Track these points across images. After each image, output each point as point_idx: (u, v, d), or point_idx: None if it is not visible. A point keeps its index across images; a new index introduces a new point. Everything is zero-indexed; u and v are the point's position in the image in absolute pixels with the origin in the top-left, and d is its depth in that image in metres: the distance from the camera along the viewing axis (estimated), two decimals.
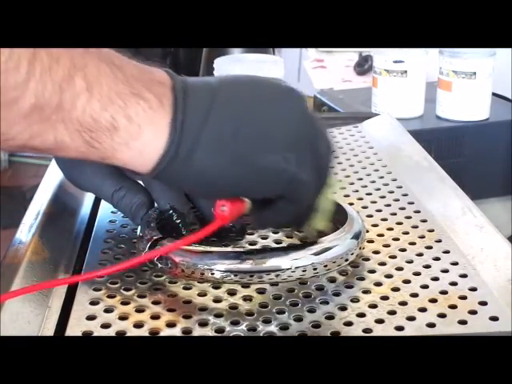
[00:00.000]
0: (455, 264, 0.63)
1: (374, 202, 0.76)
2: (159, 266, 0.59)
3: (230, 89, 0.53)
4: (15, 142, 0.47)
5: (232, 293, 0.59)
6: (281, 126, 0.53)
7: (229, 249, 0.65)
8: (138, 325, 0.55)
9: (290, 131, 0.54)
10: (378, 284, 0.60)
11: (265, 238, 0.68)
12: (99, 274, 0.59)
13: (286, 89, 0.55)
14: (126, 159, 0.50)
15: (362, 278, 0.61)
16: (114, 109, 0.48)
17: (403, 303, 0.57)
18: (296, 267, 0.57)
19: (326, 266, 0.59)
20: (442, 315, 0.56)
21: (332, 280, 0.60)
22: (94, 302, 0.57)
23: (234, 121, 0.52)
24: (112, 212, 0.72)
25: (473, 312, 0.56)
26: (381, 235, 0.68)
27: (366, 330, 0.54)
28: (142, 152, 0.50)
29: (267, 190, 0.55)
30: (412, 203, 0.75)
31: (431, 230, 0.69)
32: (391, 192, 0.78)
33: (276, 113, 0.54)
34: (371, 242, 0.66)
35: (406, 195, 0.77)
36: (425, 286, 0.60)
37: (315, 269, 0.58)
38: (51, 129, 0.47)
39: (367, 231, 0.66)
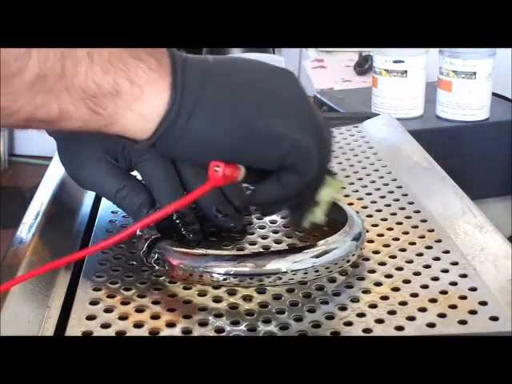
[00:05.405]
0: (455, 264, 0.63)
1: (374, 202, 0.76)
2: (157, 268, 0.59)
3: (227, 61, 0.54)
4: (20, 115, 0.48)
5: (232, 293, 0.59)
6: (279, 92, 0.54)
7: (229, 251, 0.64)
8: (138, 325, 0.55)
9: (288, 98, 0.54)
10: (378, 284, 0.60)
11: (265, 237, 0.68)
12: (104, 245, 0.57)
13: (283, 68, 0.56)
14: (128, 124, 0.51)
15: (362, 278, 0.61)
16: (116, 72, 0.49)
17: (403, 303, 0.57)
18: (297, 270, 0.57)
19: (327, 268, 0.59)
20: (441, 315, 0.56)
21: (332, 280, 0.60)
22: (93, 302, 0.57)
23: (233, 86, 0.52)
24: (112, 212, 0.72)
25: (473, 312, 0.56)
26: (381, 235, 0.68)
27: (365, 330, 0.54)
28: (144, 114, 0.51)
29: (267, 156, 0.53)
30: (412, 203, 0.75)
31: (431, 230, 0.69)
32: (391, 192, 0.78)
33: (274, 83, 0.54)
34: (371, 241, 0.66)
35: (405, 195, 0.77)
36: (425, 286, 0.60)
37: (317, 271, 0.58)
38: (55, 98, 0.48)
39: (367, 231, 0.66)
